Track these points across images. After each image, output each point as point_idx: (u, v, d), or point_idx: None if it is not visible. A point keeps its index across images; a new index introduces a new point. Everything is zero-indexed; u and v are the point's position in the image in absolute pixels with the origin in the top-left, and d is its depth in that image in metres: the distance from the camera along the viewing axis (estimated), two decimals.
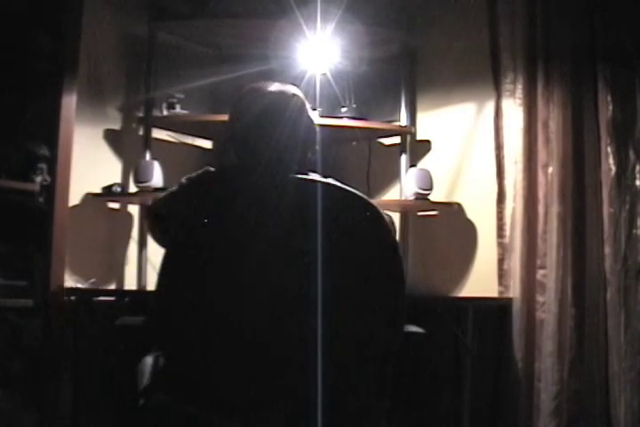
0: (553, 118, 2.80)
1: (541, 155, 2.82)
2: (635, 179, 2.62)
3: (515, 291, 2.84)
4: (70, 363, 2.66)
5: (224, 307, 1.69)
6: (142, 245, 3.14)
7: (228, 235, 1.70)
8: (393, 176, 3.34)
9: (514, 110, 2.93)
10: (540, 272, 2.78)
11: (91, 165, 3.00)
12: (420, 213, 3.32)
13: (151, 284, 2.93)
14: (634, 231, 2.59)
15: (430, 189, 3.14)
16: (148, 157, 3.14)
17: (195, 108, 3.32)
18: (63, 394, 2.59)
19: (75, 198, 2.90)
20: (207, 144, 3.53)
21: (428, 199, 3.15)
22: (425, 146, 3.34)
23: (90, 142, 3.05)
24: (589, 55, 2.73)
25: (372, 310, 1.74)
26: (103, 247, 3.02)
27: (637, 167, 2.62)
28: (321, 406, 1.64)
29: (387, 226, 1.75)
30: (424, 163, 3.32)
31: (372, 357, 1.75)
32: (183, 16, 3.23)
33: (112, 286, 3.12)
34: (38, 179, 2.47)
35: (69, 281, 2.72)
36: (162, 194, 1.98)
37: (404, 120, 3.32)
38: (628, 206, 2.61)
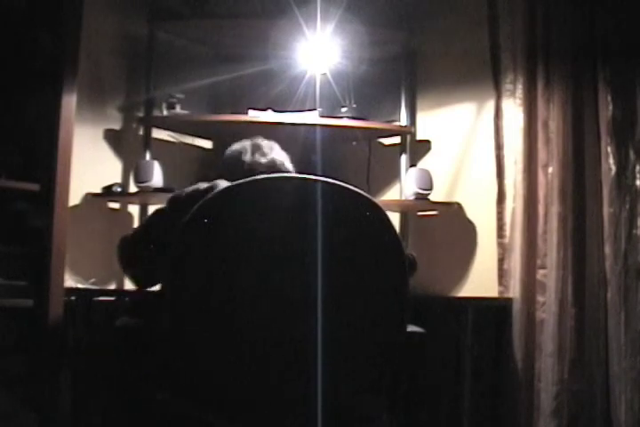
0: (553, 118, 2.79)
1: (541, 155, 2.82)
2: (635, 179, 2.62)
3: (515, 291, 2.84)
4: (70, 363, 2.66)
5: (226, 308, 1.69)
6: None
7: (230, 236, 1.70)
8: (393, 176, 3.34)
9: (514, 110, 2.93)
10: (540, 272, 2.78)
11: (91, 165, 3.00)
12: (419, 213, 3.32)
13: None
14: (634, 231, 2.59)
15: (430, 189, 3.14)
16: (148, 157, 3.14)
17: (195, 108, 3.32)
18: (63, 394, 2.58)
19: (75, 198, 2.90)
20: (207, 144, 3.53)
21: (428, 199, 3.15)
22: (425, 146, 3.34)
23: (90, 142, 3.05)
24: (589, 55, 2.73)
25: (375, 311, 1.74)
26: (103, 247, 3.01)
27: (637, 167, 2.62)
28: (321, 407, 1.64)
29: (390, 225, 1.75)
30: (424, 163, 3.32)
31: (373, 357, 1.75)
32: (183, 16, 3.23)
33: (112, 286, 3.11)
34: (38, 179, 2.46)
35: (69, 281, 2.72)
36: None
37: (404, 120, 3.32)
38: (628, 206, 2.61)
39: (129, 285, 3.14)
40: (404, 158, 3.31)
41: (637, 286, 2.56)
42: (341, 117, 3.22)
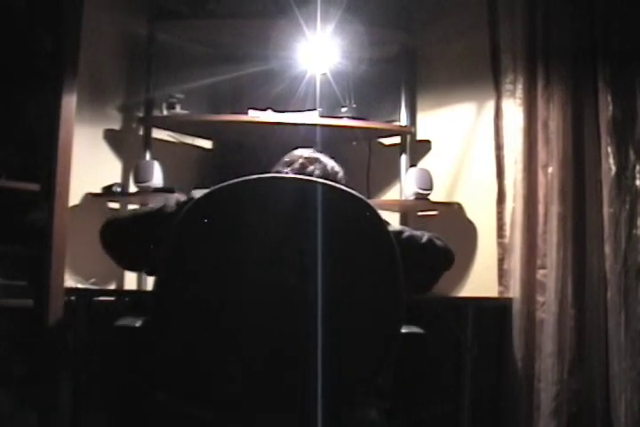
0: (553, 118, 2.79)
1: (541, 155, 2.82)
2: (635, 179, 2.62)
3: (515, 291, 2.84)
4: (70, 363, 2.66)
5: (224, 307, 1.69)
6: None
7: (227, 235, 1.70)
8: (393, 176, 3.34)
9: (514, 110, 2.93)
10: (540, 272, 2.78)
11: (91, 165, 3.00)
12: (419, 213, 3.32)
13: (151, 284, 2.93)
14: (634, 231, 2.59)
15: (430, 189, 3.14)
16: (148, 157, 3.15)
17: (195, 108, 3.32)
18: (63, 394, 2.58)
19: (75, 198, 2.90)
20: (207, 144, 3.53)
21: (428, 199, 3.15)
22: (425, 146, 3.34)
23: (90, 142, 3.05)
24: (589, 55, 2.73)
25: (371, 311, 1.74)
26: None
27: (637, 167, 2.62)
28: (321, 406, 1.64)
29: (384, 226, 1.74)
30: (424, 163, 3.32)
31: (371, 356, 1.75)
32: (183, 16, 3.23)
33: (112, 286, 3.11)
34: (38, 179, 2.46)
35: (69, 281, 2.72)
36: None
37: (404, 120, 3.32)
38: (628, 206, 2.61)
39: (129, 285, 3.15)
40: (403, 158, 3.31)
41: (637, 285, 2.56)
42: (341, 117, 3.22)
